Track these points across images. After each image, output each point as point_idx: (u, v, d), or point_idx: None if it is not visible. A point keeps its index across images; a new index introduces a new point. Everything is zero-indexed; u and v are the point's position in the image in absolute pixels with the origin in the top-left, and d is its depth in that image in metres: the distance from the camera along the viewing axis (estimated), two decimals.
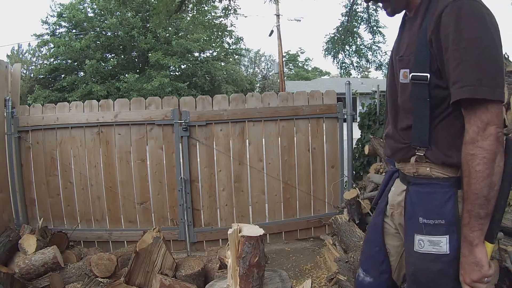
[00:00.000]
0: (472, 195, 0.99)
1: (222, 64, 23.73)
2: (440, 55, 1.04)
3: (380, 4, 1.24)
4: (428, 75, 1.07)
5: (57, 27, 20.80)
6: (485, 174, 0.97)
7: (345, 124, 3.87)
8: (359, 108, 4.70)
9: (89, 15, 20.51)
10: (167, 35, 20.24)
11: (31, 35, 37.44)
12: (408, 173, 1.19)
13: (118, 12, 18.50)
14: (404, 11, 1.25)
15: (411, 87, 1.11)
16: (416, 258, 1.14)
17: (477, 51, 0.97)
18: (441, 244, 1.09)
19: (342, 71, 11.20)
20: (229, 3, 7.78)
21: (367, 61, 10.84)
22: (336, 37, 9.73)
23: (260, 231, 1.62)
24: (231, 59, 25.49)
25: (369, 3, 1.30)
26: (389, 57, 1.38)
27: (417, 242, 1.13)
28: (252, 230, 1.68)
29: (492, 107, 0.97)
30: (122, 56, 21.49)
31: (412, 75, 1.10)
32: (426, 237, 1.10)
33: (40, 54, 22.47)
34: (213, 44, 21.46)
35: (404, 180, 1.23)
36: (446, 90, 1.05)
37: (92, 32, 19.55)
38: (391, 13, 1.24)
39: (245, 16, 30.49)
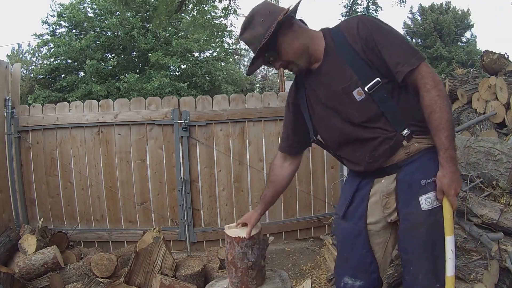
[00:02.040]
0: (447, 123, 1.26)
1: (222, 64, 23.70)
2: (375, 58, 1.32)
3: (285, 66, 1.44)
4: (378, 78, 1.32)
5: (57, 27, 20.79)
6: (449, 105, 1.29)
7: None
8: None
9: (89, 15, 20.49)
10: (167, 35, 20.22)
11: (31, 35, 37.50)
12: (398, 160, 1.38)
13: (118, 12, 18.48)
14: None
15: (372, 96, 1.33)
16: (426, 216, 1.32)
17: (398, 38, 1.34)
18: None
19: None
20: (229, 3, 7.79)
21: None
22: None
23: (243, 233, 1.65)
24: (231, 59, 25.47)
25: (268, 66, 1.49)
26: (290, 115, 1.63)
27: (424, 201, 1.32)
28: (243, 229, 1.70)
29: (424, 64, 1.30)
30: (122, 56, 21.48)
31: (367, 87, 1.32)
32: (433, 192, 1.32)
33: (40, 54, 22.46)
34: (213, 44, 21.44)
35: (392, 171, 1.40)
36: (391, 82, 1.33)
37: (92, 32, 19.54)
38: (295, 72, 1.48)
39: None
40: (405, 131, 1.34)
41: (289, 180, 1.73)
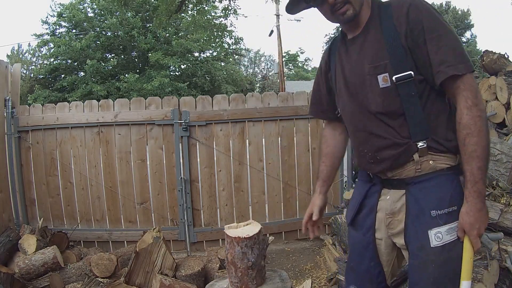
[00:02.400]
0: (483, 152, 1.08)
1: (222, 64, 23.71)
2: (415, 48, 1.14)
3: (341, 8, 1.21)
4: (412, 72, 1.14)
5: (57, 27, 20.79)
6: (487, 133, 1.10)
7: None
8: None
9: (89, 15, 20.50)
10: (167, 35, 20.22)
11: (31, 35, 37.49)
12: (406, 176, 1.20)
13: (118, 12, 18.48)
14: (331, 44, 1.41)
15: (398, 89, 1.16)
16: (435, 253, 1.14)
17: (451, 36, 1.13)
18: (457, 229, 1.13)
19: None
20: (229, 3, 7.79)
21: None
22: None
23: (243, 233, 1.65)
24: (231, 59, 25.47)
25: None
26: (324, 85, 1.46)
27: (434, 237, 1.14)
28: (244, 229, 1.70)
29: (471, 76, 1.12)
30: (122, 56, 21.48)
31: (396, 77, 1.15)
32: (445, 227, 1.13)
33: (40, 54, 22.45)
34: (213, 44, 21.46)
35: (399, 186, 1.23)
36: (425, 81, 1.16)
37: (92, 32, 19.54)
38: (351, 17, 1.21)
39: (245, 16, 30.52)
40: (421, 143, 1.16)
41: (344, 150, 1.57)
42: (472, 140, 1.08)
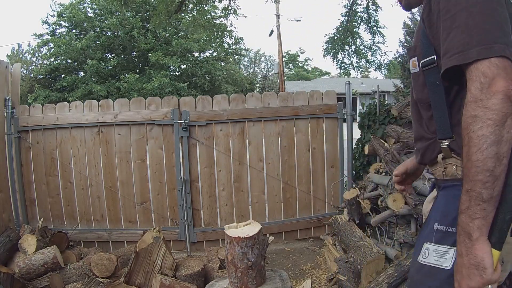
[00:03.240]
0: (472, 168, 0.79)
1: (222, 64, 23.73)
2: (430, 23, 0.98)
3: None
4: (435, 56, 0.96)
5: (57, 27, 20.80)
6: (490, 141, 0.77)
7: (345, 124, 3.87)
8: (359, 108, 4.70)
9: (89, 15, 20.51)
10: (167, 35, 20.24)
11: (31, 35, 37.48)
12: (438, 176, 1.04)
13: (118, 12, 18.49)
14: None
15: (424, 75, 1.01)
16: (416, 269, 1.01)
17: (465, 13, 0.85)
18: (447, 256, 0.91)
19: (341, 71, 11.21)
20: (229, 3, 7.78)
21: (367, 61, 10.85)
22: (336, 37, 9.74)
23: (243, 233, 1.65)
24: (231, 59, 25.48)
25: None
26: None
27: (423, 251, 0.98)
28: (244, 229, 1.70)
29: (489, 62, 0.81)
30: (122, 56, 21.49)
31: (422, 62, 1.00)
32: (433, 246, 0.95)
33: (40, 54, 22.46)
34: (213, 44, 21.46)
35: (437, 186, 1.09)
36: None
37: (92, 32, 19.55)
38: (406, 6, 1.16)
39: (245, 16, 30.48)
40: (446, 141, 0.97)
41: None
42: (464, 150, 0.83)
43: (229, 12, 7.98)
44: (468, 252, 0.81)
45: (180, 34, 21.07)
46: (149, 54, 19.47)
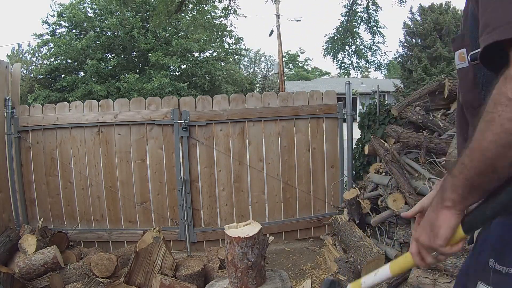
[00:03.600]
0: (477, 151, 0.68)
1: (222, 64, 23.71)
2: (476, 7, 0.77)
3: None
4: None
5: (57, 27, 20.78)
6: (503, 128, 0.63)
7: (345, 124, 3.87)
8: (359, 108, 4.70)
9: (89, 15, 20.50)
10: (167, 35, 20.23)
11: (31, 35, 37.48)
12: None
13: (118, 12, 18.49)
14: None
15: (474, 71, 0.82)
16: None
17: None
18: None
19: (341, 71, 11.21)
20: (229, 3, 7.78)
21: (367, 61, 10.85)
22: (336, 37, 9.74)
23: (243, 233, 1.65)
24: (231, 59, 25.47)
25: None
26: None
27: None
28: (244, 229, 1.70)
29: None
30: (122, 56, 21.48)
31: (471, 54, 0.80)
32: None
33: (40, 54, 22.45)
34: (213, 44, 21.46)
35: None
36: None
37: (92, 32, 19.55)
38: None
39: (245, 16, 30.46)
40: None
41: None
42: (478, 127, 0.68)
43: (229, 12, 7.97)
44: (435, 210, 0.78)
45: (180, 34, 21.06)
46: (149, 54, 19.46)
